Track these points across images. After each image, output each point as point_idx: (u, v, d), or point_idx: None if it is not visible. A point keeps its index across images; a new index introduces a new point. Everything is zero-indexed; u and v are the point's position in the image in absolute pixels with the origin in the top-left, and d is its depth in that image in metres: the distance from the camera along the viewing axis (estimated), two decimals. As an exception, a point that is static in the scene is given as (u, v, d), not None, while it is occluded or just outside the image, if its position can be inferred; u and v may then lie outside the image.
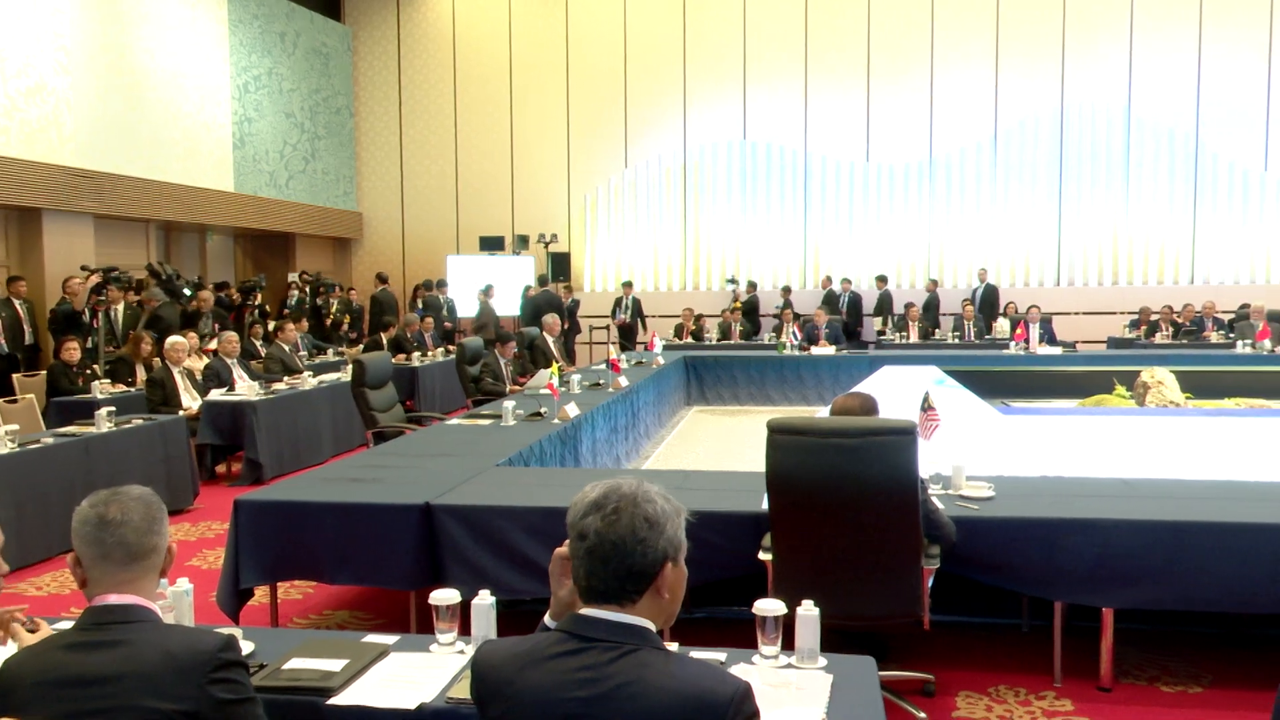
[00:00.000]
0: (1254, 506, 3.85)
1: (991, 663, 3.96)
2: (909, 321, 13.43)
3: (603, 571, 1.55)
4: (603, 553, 1.54)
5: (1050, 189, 15.66)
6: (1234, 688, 3.70)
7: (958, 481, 4.12)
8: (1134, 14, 15.24)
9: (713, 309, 15.29)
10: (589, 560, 1.56)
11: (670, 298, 16.27)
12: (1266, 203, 15.07)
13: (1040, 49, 15.50)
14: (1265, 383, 9.89)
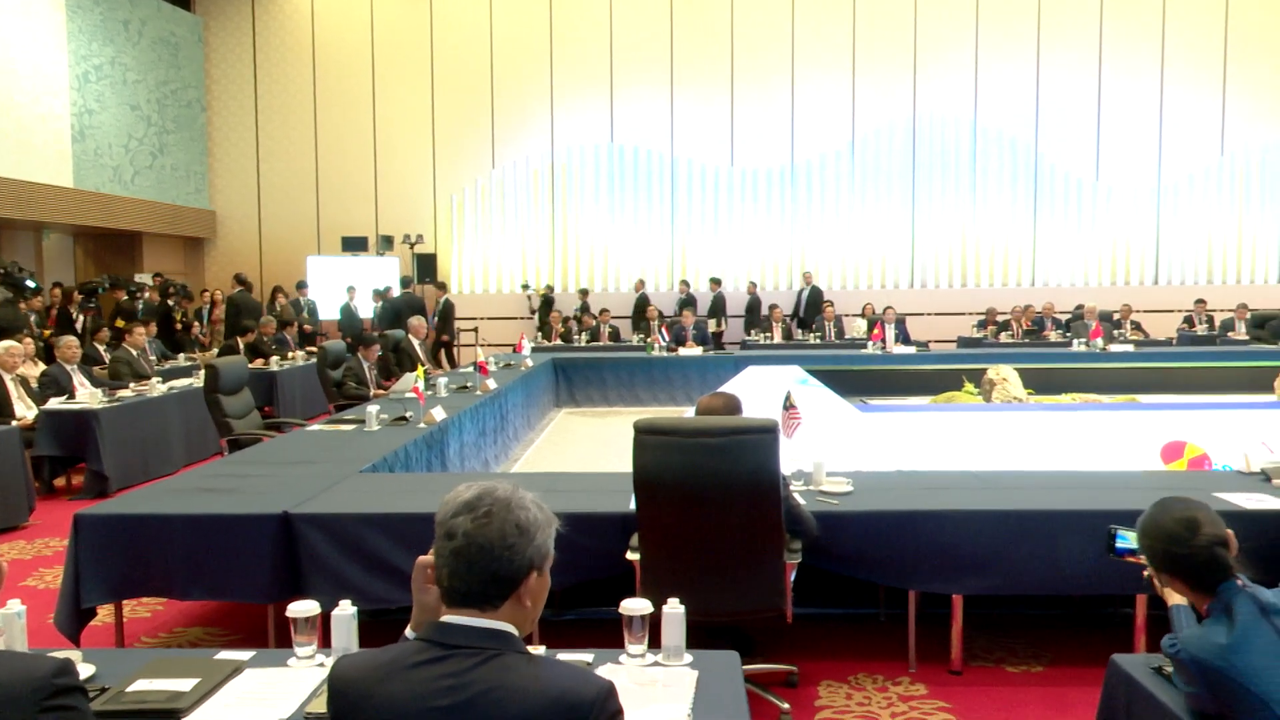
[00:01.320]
0: (1088, 494, 4.12)
1: (851, 652, 4.10)
2: (773, 323, 13.77)
3: (466, 574, 1.53)
4: (469, 555, 1.52)
5: (904, 195, 16.32)
6: (1071, 665, 3.94)
7: (818, 478, 4.25)
8: (979, 32, 16.04)
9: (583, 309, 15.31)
10: (454, 561, 1.53)
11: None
12: (1098, 210, 16.11)
13: (894, 62, 16.13)
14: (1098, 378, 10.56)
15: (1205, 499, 3.99)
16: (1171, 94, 15.96)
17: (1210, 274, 16.01)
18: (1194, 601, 2.15)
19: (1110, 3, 15.92)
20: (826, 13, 16.17)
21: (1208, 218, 15.98)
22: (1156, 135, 16.02)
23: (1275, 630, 1.98)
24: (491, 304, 16.36)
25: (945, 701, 3.64)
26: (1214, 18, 15.84)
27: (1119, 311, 13.78)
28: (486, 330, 15.74)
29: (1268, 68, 15.83)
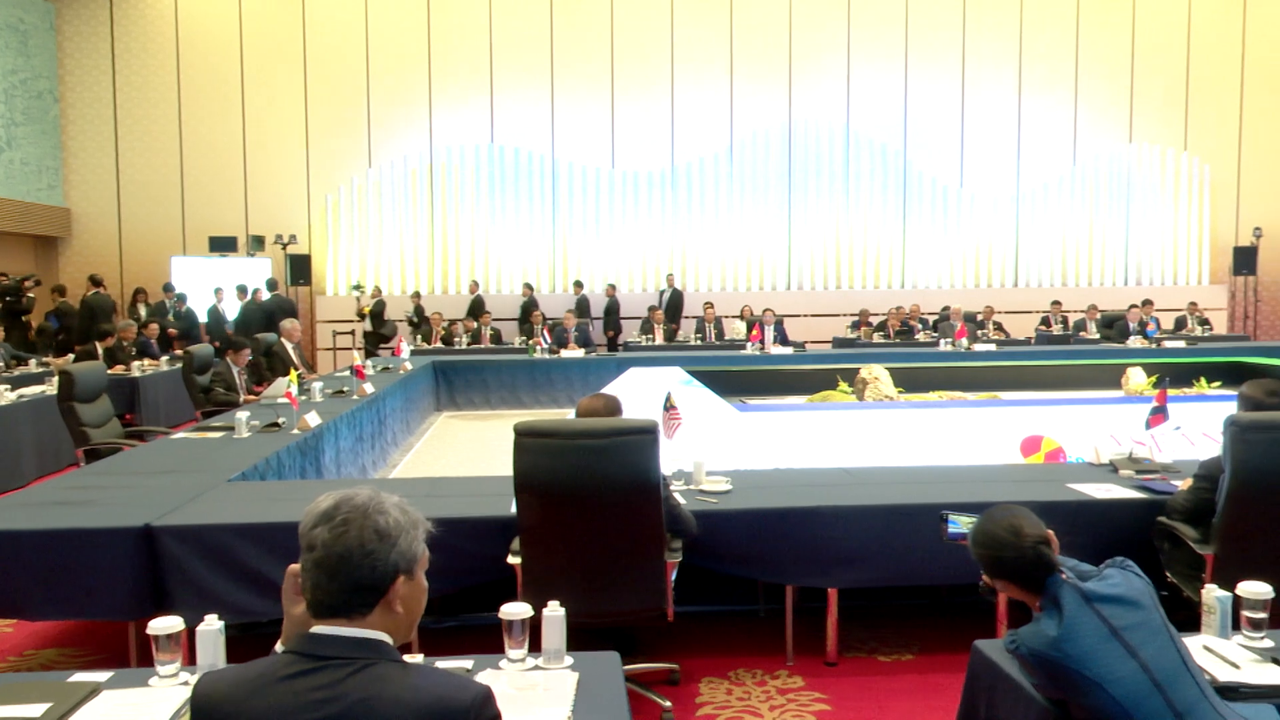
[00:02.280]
0: (954, 488, 4.31)
1: (731, 647, 4.17)
2: (654, 325, 13.88)
3: (329, 585, 1.49)
4: (329, 565, 1.49)
5: (781, 199, 16.69)
6: (939, 652, 4.10)
7: (698, 477, 4.31)
8: (850, 43, 16.54)
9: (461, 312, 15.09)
10: (316, 572, 1.50)
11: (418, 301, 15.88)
12: (963, 215, 16.82)
13: (770, 69, 16.49)
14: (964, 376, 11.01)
15: (1060, 489, 4.24)
16: (1028, 107, 16.80)
17: (1064, 277, 16.91)
18: (1026, 600, 2.27)
19: (972, 22, 16.63)
20: (704, 19, 16.40)
21: (1062, 224, 16.88)
22: (1015, 145, 16.83)
23: (1099, 616, 2.11)
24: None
25: (821, 692, 3.74)
26: (1066, 37, 16.74)
27: (981, 312, 14.42)
28: (363, 333, 15.35)
29: (1113, 85, 16.82)
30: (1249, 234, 16.57)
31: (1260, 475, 3.53)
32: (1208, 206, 16.92)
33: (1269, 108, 16.95)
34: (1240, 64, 16.92)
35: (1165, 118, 16.91)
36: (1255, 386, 3.90)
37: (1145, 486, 4.22)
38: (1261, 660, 2.41)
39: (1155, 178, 16.93)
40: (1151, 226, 16.94)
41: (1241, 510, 3.56)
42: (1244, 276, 16.47)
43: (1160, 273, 16.98)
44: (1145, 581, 2.21)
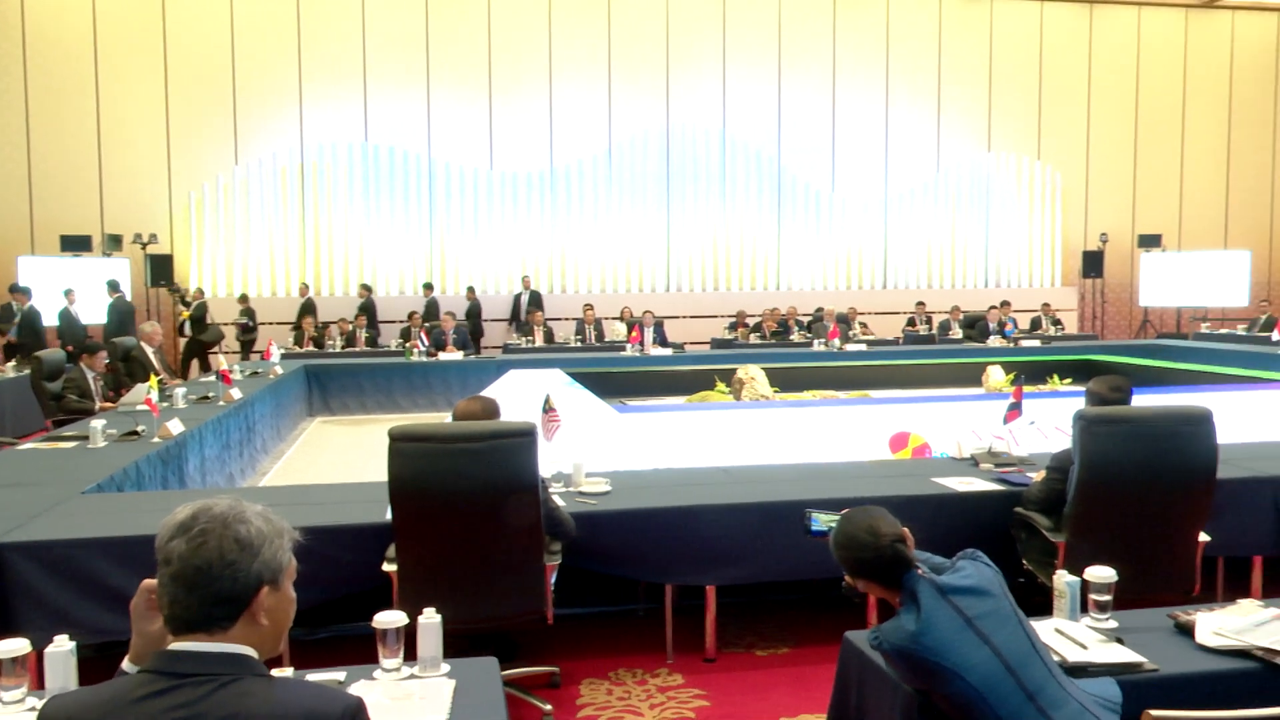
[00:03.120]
0: (826, 484, 4.43)
1: (612, 648, 4.19)
2: (534, 327, 13.81)
3: (187, 599, 1.43)
4: (188, 579, 1.43)
5: (659, 201, 16.85)
6: (814, 645, 4.21)
7: (578, 479, 4.31)
8: (726, 50, 16.82)
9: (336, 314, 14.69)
10: (174, 587, 1.44)
11: (290, 304, 15.39)
12: (835, 219, 17.33)
13: (647, 73, 16.62)
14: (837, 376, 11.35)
15: (925, 484, 4.41)
16: (894, 117, 17.42)
17: (929, 279, 17.61)
18: (887, 597, 2.36)
19: (842, 34, 17.15)
20: (582, 21, 16.42)
21: (926, 228, 17.57)
22: (883, 153, 17.43)
23: (953, 608, 2.21)
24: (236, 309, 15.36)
25: (701, 689, 3.79)
26: (928, 51, 17.43)
27: (850, 313, 14.88)
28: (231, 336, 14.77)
29: (973, 97, 17.61)
30: (1096, 239, 17.59)
31: (1106, 466, 3.75)
32: (1059, 212, 17.89)
33: (1112, 121, 18.04)
34: (1087, 80, 17.95)
35: (1020, 128, 17.80)
36: (1101, 383, 4.15)
37: (1003, 479, 4.43)
38: (1107, 640, 2.56)
39: (1012, 185, 17.80)
40: (1009, 231, 17.80)
41: (1090, 499, 3.77)
42: (1092, 279, 17.47)
43: (1017, 275, 17.85)
44: (995, 571, 2.32)
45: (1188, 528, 3.89)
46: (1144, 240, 17.44)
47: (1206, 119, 18.39)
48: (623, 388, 10.75)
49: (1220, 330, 15.08)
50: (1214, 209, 18.48)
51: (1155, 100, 18.21)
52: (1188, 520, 3.88)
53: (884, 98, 17.35)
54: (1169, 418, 3.85)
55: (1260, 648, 2.47)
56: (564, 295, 16.39)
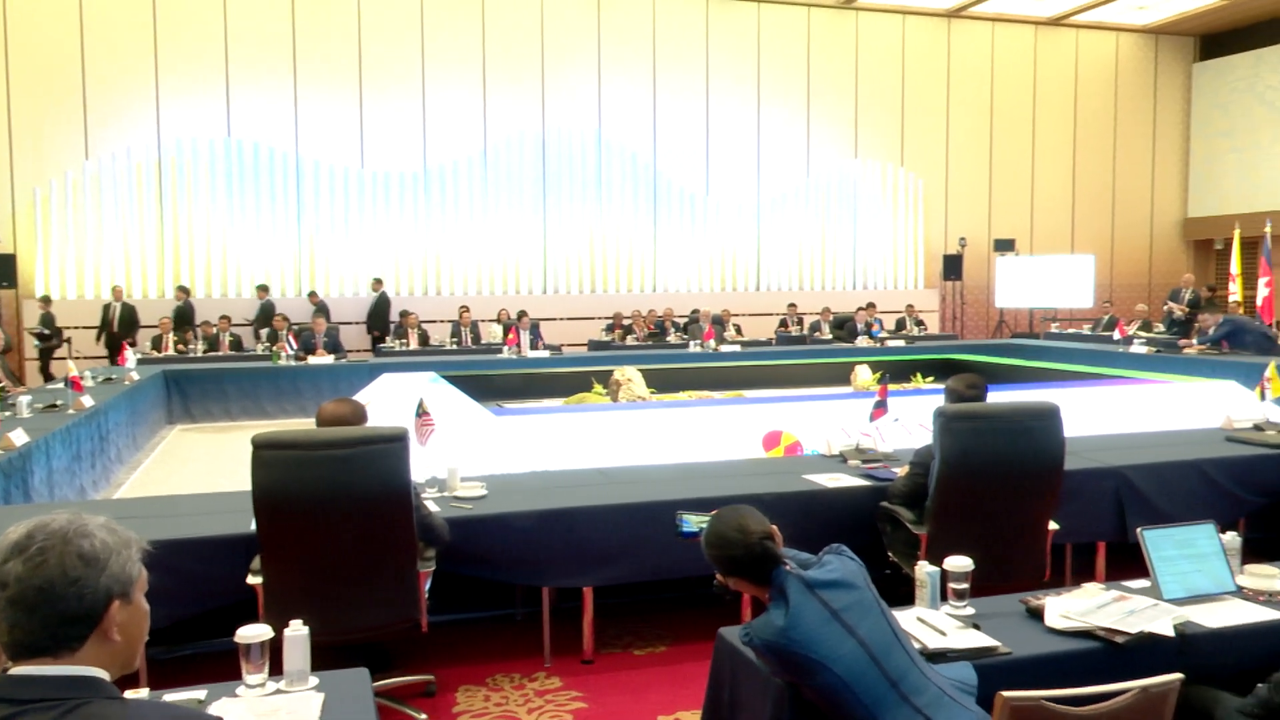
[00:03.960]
0: (701, 483, 4.50)
1: (489, 654, 4.15)
2: (408, 329, 13.55)
3: (29, 622, 1.35)
4: (28, 601, 1.34)
5: (536, 203, 16.76)
6: (691, 642, 4.27)
7: (452, 483, 4.25)
8: (601, 53, 16.87)
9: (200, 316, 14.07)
10: (12, 611, 1.35)
11: (150, 305, 14.64)
12: (709, 222, 17.59)
13: (523, 74, 16.51)
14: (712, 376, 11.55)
15: (796, 481, 4.52)
16: (766, 123, 17.81)
17: (800, 281, 18.06)
18: (757, 594, 2.42)
19: (715, 41, 17.41)
20: (456, 20, 16.19)
21: (798, 232, 18.02)
22: (755, 158, 17.79)
23: (820, 602, 2.28)
24: (87, 311, 14.55)
25: (579, 690, 3.79)
26: (798, 61, 17.88)
27: (724, 314, 15.13)
28: (82, 341, 13.96)
29: (840, 106, 18.16)
30: (956, 243, 18.39)
31: (964, 460, 3.93)
32: (922, 218, 18.62)
33: (969, 130, 18.89)
34: (946, 91, 18.75)
35: (885, 137, 18.45)
36: (959, 381, 4.34)
37: (870, 475, 4.59)
38: (964, 626, 2.68)
39: (877, 191, 18.43)
40: (875, 235, 18.43)
41: (949, 492, 3.95)
42: (952, 282, 18.26)
43: (883, 278, 18.50)
44: (859, 564, 2.41)
45: (1038, 517, 4.11)
46: (999, 245, 18.33)
47: (1054, 131, 19.46)
48: (499, 390, 10.67)
49: (1068, 330, 15.99)
50: (1061, 216, 19.58)
51: (1008, 112, 19.16)
52: (1038, 510, 4.10)
53: (756, 104, 17.71)
54: (1020, 413, 4.06)
55: (1102, 628, 2.63)
56: (439, 297, 16.13)
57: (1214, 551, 3.01)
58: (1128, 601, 2.77)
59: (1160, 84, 19.94)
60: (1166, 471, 4.88)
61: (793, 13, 17.75)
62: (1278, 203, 17.18)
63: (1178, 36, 19.81)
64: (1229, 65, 19.17)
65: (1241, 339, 10.92)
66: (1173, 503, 4.75)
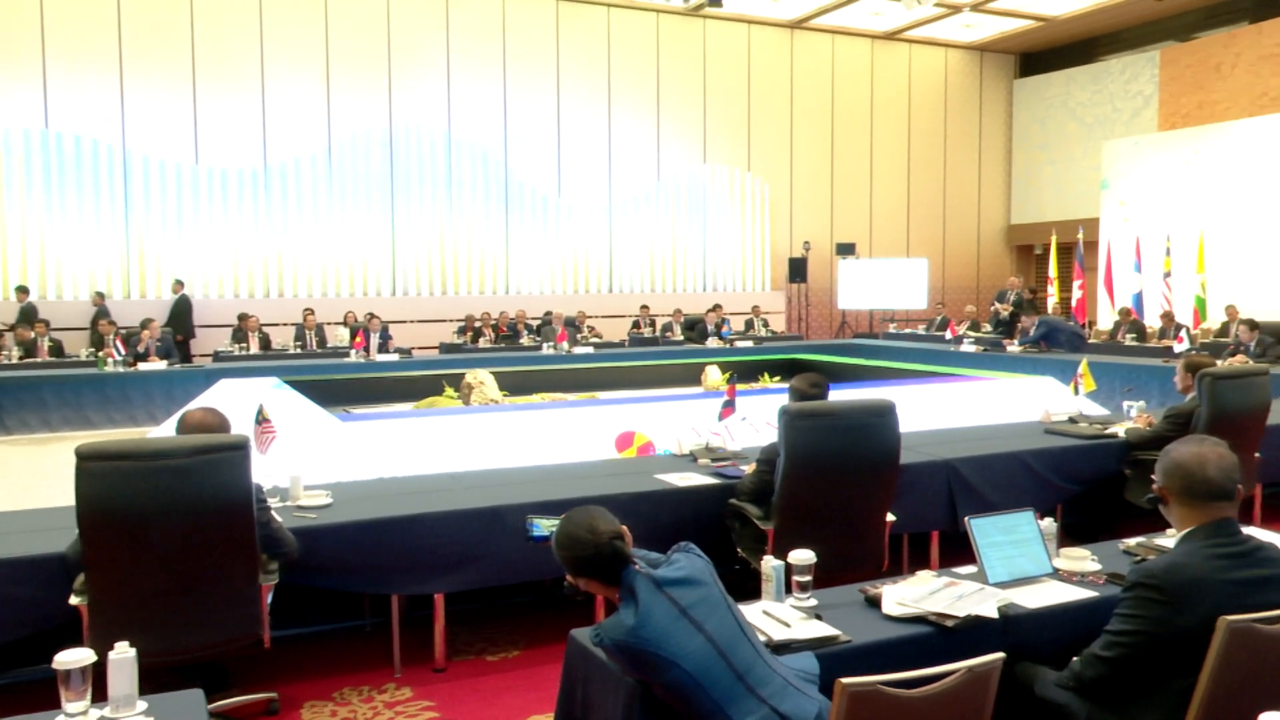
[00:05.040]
0: (554, 485, 4.50)
1: (337, 667, 4.03)
2: (248, 333, 12.99)
3: None
4: None
5: (384, 202, 16.36)
6: (545, 645, 4.26)
7: (296, 492, 4.11)
8: (450, 51, 16.62)
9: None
10: None
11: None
12: (561, 224, 17.59)
13: (369, 70, 16.08)
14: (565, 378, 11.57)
15: (648, 480, 4.58)
16: (617, 126, 17.95)
17: (652, 283, 18.29)
18: (607, 594, 2.45)
19: (565, 43, 17.42)
20: (296, 12, 15.62)
21: (649, 234, 18.25)
22: (607, 161, 17.91)
23: (669, 599, 2.33)
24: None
25: (430, 700, 3.73)
26: (648, 66, 18.10)
27: (578, 316, 15.18)
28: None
29: (689, 111, 18.49)
30: (800, 247, 19.02)
31: (807, 457, 4.07)
32: (768, 222, 19.17)
33: (812, 138, 19.58)
34: (790, 99, 19.36)
35: (732, 142, 18.91)
36: (802, 380, 4.49)
37: (719, 473, 4.70)
38: (807, 617, 2.78)
39: (725, 195, 18.86)
40: (724, 238, 18.85)
41: (794, 488, 4.08)
42: (797, 284, 18.88)
43: (732, 280, 18.94)
44: (706, 561, 2.47)
45: (877, 509, 4.30)
46: (841, 248, 19.07)
47: (890, 140, 20.39)
48: (346, 395, 10.38)
49: (905, 330, 16.78)
50: (897, 221, 20.54)
51: (848, 121, 19.96)
52: (877, 503, 4.29)
53: (607, 106, 17.83)
54: (859, 410, 4.24)
55: (933, 613, 2.77)
56: (282, 299, 15.53)
57: (1033, 537, 3.22)
58: (957, 587, 2.93)
59: (985, 99, 21.18)
60: (992, 463, 5.19)
61: (642, 18, 17.95)
62: (1088, 211, 18.53)
63: (1000, 54, 21.10)
64: (1046, 82, 20.54)
65: (1057, 338, 11.73)
66: (998, 492, 5.06)
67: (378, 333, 12.75)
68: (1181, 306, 14.19)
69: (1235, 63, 16.98)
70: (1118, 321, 13.83)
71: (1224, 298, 13.94)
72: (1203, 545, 2.44)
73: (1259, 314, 11.57)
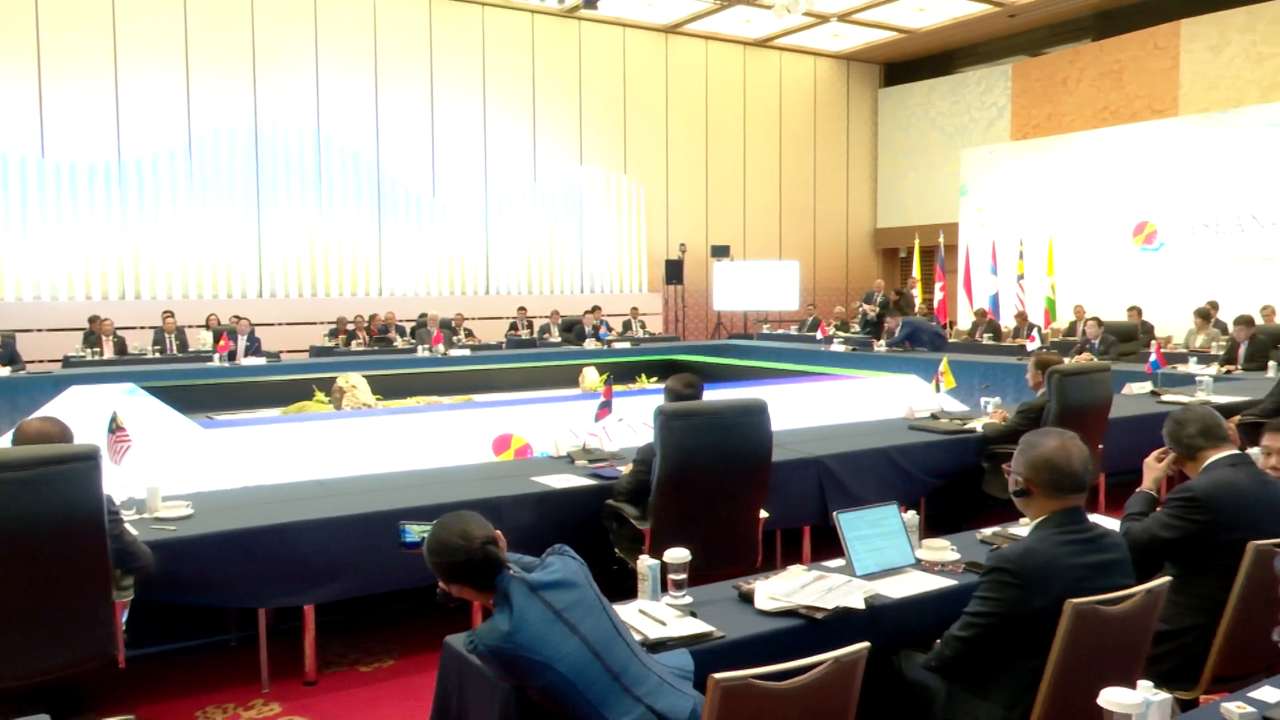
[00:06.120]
0: (430, 490, 4.43)
1: (199, 685, 3.87)
2: (102, 337, 12.31)
3: None
4: None
5: (249, 201, 15.76)
6: (420, 653, 4.19)
7: (154, 504, 3.92)
8: (319, 47, 16.14)
9: None
10: None
11: None
12: (436, 224, 17.31)
13: (231, 62, 15.47)
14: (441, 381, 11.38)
15: (525, 483, 4.56)
16: (493, 126, 17.76)
17: (530, 285, 18.20)
18: (481, 600, 2.43)
19: (439, 42, 17.16)
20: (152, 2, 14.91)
21: (526, 235, 18.14)
22: (483, 160, 17.71)
23: (544, 603, 2.32)
24: None
25: (301, 715, 3.62)
26: (523, 67, 18.01)
27: (455, 319, 14.98)
28: None
29: (565, 113, 18.47)
30: (676, 249, 19.25)
31: (683, 456, 4.12)
32: (644, 224, 19.32)
33: (687, 141, 19.84)
34: (665, 103, 19.57)
35: (608, 144, 18.98)
36: (677, 380, 4.55)
37: (596, 474, 4.71)
38: (682, 615, 2.82)
39: (602, 196, 18.92)
40: (601, 240, 18.90)
41: (670, 487, 4.13)
42: (674, 285, 19.09)
43: (609, 281, 19.01)
44: (580, 563, 2.47)
45: (751, 506, 4.39)
46: (716, 250, 19.38)
47: (763, 145, 20.84)
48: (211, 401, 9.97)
49: (778, 331, 17.19)
50: (770, 224, 21.01)
51: (722, 126, 20.30)
52: (750, 500, 4.38)
53: (482, 106, 17.64)
54: (733, 409, 4.32)
55: (804, 606, 2.85)
56: (139, 301, 14.79)
57: (898, 529, 3.35)
58: (826, 580, 3.02)
59: (852, 106, 21.88)
60: (860, 459, 5.37)
61: (517, 17, 17.84)
62: (949, 216, 19.36)
63: (866, 64, 21.83)
64: (909, 92, 21.37)
65: (920, 338, 12.21)
66: (865, 487, 5.23)
67: (244, 336, 12.28)
68: (1034, 307, 14.97)
69: (1080, 78, 18.03)
70: (975, 322, 14.50)
71: (1072, 298, 14.81)
72: (1054, 533, 2.58)
73: (1104, 313, 12.32)
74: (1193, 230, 15.44)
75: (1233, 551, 2.86)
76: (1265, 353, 9.07)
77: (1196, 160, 15.40)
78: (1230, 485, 3.02)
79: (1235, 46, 15.68)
